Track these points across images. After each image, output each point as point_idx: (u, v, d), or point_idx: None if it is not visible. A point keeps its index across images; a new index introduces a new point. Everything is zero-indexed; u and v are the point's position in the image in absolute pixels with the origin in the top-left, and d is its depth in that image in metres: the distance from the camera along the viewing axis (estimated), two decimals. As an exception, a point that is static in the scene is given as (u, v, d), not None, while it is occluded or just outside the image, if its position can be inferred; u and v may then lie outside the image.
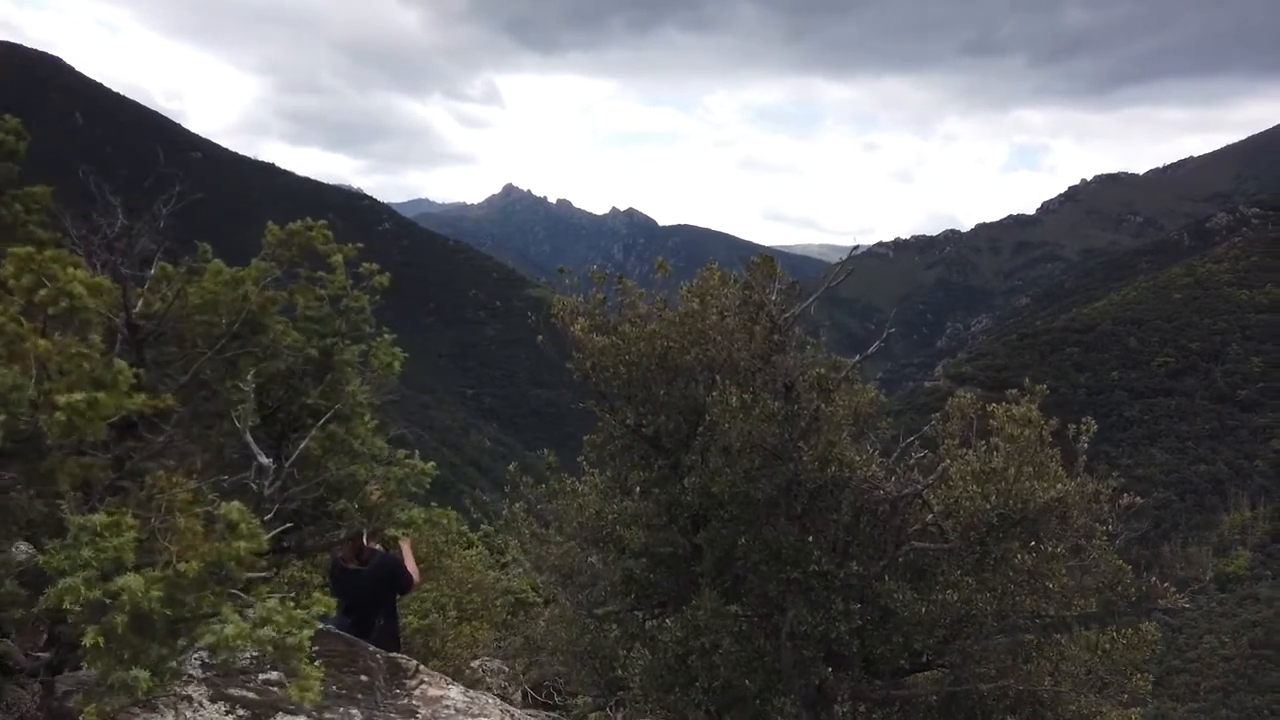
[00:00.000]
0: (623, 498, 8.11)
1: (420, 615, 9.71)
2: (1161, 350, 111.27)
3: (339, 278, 4.88)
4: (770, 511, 7.30)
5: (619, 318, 7.91)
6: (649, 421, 7.69)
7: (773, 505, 7.43)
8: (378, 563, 7.01)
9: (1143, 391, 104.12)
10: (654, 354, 7.41)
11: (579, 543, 8.64)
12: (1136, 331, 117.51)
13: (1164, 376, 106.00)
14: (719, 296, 7.37)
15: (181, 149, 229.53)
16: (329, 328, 4.89)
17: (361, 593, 6.92)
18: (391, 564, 7.10)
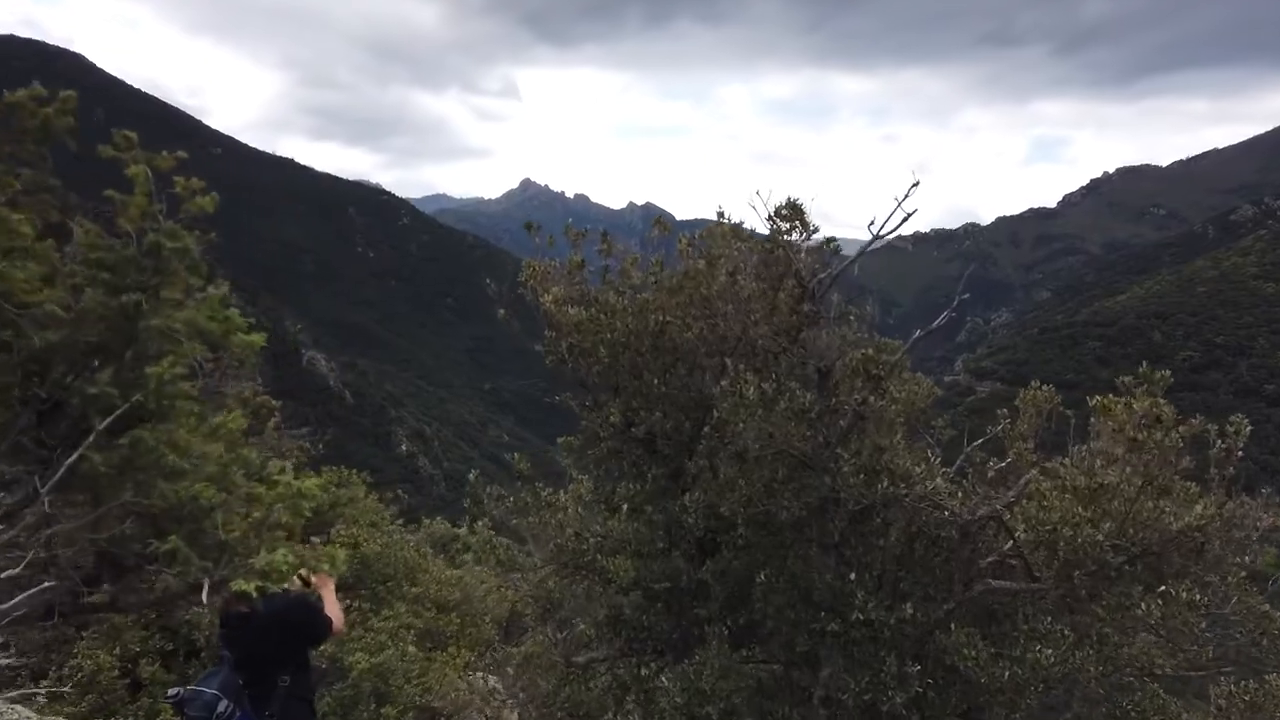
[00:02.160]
0: (608, 516, 6.35)
1: (371, 651, 8.06)
2: (1186, 344, 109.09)
3: (139, 200, 3.15)
4: (798, 537, 5.52)
5: (604, 286, 6.15)
6: (641, 419, 5.92)
7: (801, 529, 5.65)
8: (282, 604, 5.22)
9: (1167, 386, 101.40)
10: (646, 330, 5.65)
11: (555, 570, 6.90)
12: (1160, 325, 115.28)
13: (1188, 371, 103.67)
14: (730, 253, 5.58)
15: (202, 145, 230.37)
16: (127, 277, 3.17)
17: (258, 644, 5.16)
18: (300, 605, 5.29)
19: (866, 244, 5.03)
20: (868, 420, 5.02)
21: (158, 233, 3.18)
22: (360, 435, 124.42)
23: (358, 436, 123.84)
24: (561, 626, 7.31)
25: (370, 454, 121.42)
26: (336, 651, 8.04)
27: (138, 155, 3.17)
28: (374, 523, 10.96)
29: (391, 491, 69.14)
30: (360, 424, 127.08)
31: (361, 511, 10.95)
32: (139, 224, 3.17)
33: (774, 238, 5.48)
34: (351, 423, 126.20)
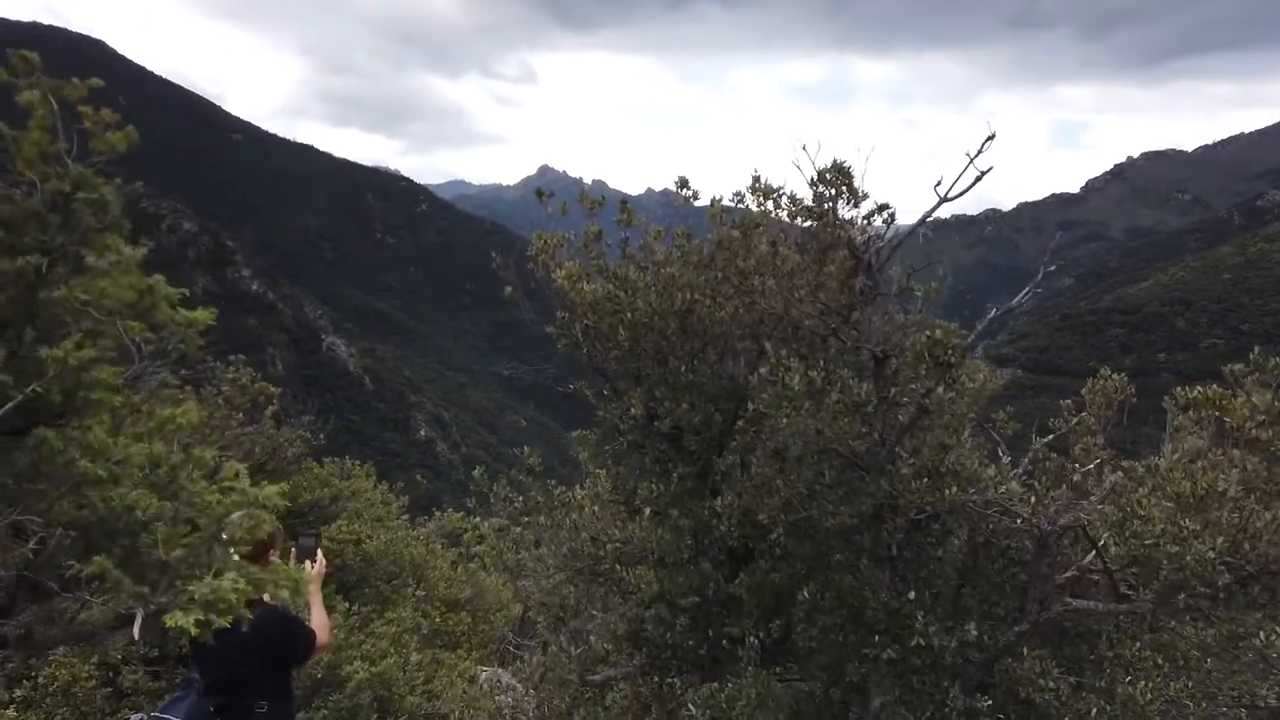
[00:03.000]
0: (628, 519, 5.65)
1: (371, 659, 7.45)
2: (1210, 332, 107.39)
3: (35, 136, 2.46)
4: (846, 548, 4.80)
5: (623, 261, 5.43)
6: (665, 411, 5.21)
7: (849, 538, 4.93)
8: (260, 618, 4.54)
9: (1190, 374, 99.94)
10: (671, 310, 4.93)
11: (568, 577, 6.21)
12: (1184, 312, 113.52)
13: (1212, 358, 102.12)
14: (770, 220, 4.83)
15: (223, 131, 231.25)
16: (25, 236, 2.49)
17: (233, 663, 4.51)
18: (281, 619, 4.61)
19: (934, 206, 4.28)
20: (931, 415, 4.28)
21: (64, 179, 2.49)
22: (379, 420, 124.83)
23: (377, 422, 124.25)
24: (576, 638, 6.63)
25: (389, 439, 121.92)
26: (334, 659, 7.44)
27: (39, 80, 2.47)
28: (379, 517, 10.34)
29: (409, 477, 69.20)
30: (379, 409, 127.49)
31: (366, 505, 10.34)
32: (40, 169, 2.49)
33: (820, 203, 4.73)
34: (371, 408, 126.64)
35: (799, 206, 4.49)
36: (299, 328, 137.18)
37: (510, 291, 5.51)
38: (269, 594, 4.68)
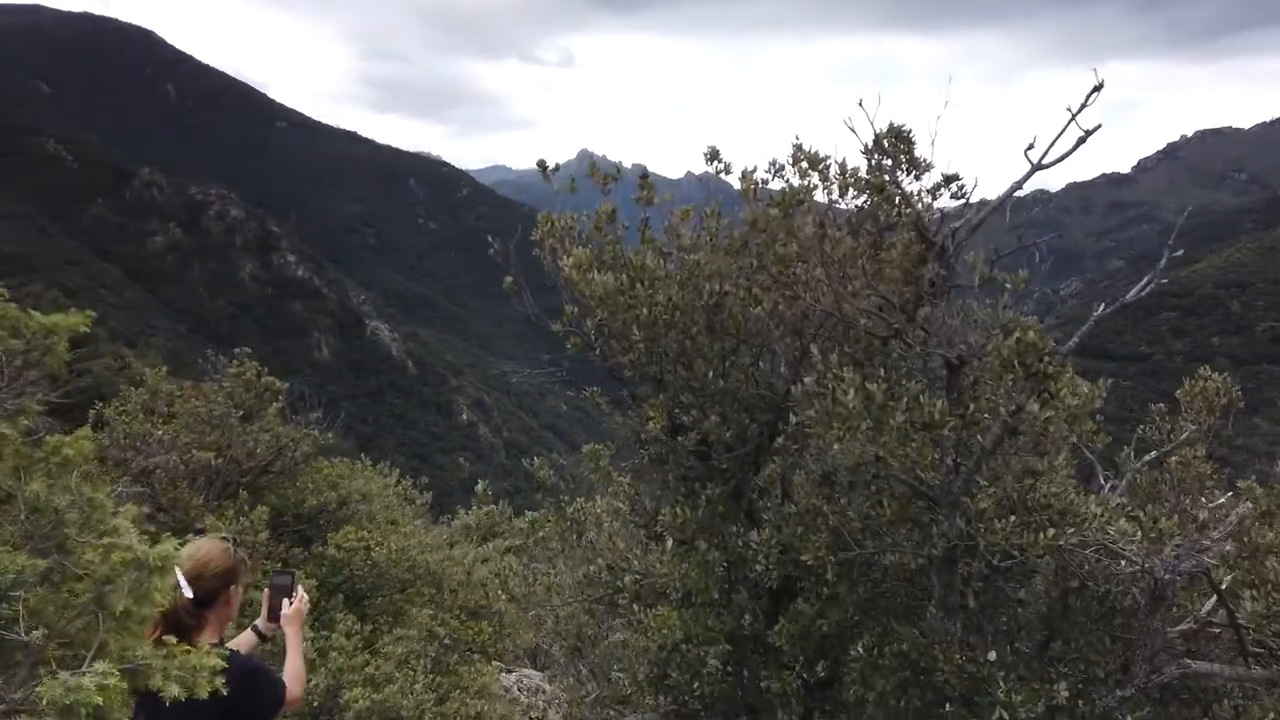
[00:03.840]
0: (647, 545, 4.86)
1: (375, 684, 6.78)
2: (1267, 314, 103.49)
3: None
4: (910, 594, 3.96)
5: (643, 246, 4.61)
6: (692, 422, 4.39)
7: (913, 582, 4.09)
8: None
9: (1246, 358, 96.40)
10: (698, 304, 4.11)
11: (584, 607, 5.45)
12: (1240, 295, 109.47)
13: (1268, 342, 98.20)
14: (815, 198, 3.97)
15: (267, 119, 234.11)
16: None
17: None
18: (241, 669, 3.86)
19: (1027, 173, 3.41)
20: (1022, 435, 3.41)
21: None
22: (423, 404, 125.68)
23: (420, 405, 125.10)
24: (596, 672, 5.88)
25: (432, 422, 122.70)
26: (333, 682, 6.82)
27: None
28: (394, 520, 9.69)
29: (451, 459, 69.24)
30: (422, 393, 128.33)
31: (381, 508, 9.69)
32: None
33: (879, 174, 3.87)
34: (414, 392, 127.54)
35: (852, 178, 3.62)
36: (344, 313, 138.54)
37: (510, 283, 4.72)
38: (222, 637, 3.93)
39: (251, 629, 4.18)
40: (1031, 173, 3.44)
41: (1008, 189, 3.57)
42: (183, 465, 7.92)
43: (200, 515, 7.69)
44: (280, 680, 3.80)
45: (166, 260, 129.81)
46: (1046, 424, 3.28)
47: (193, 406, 8.40)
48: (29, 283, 65.21)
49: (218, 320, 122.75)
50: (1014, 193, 3.58)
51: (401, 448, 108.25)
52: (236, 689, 3.69)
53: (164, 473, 7.81)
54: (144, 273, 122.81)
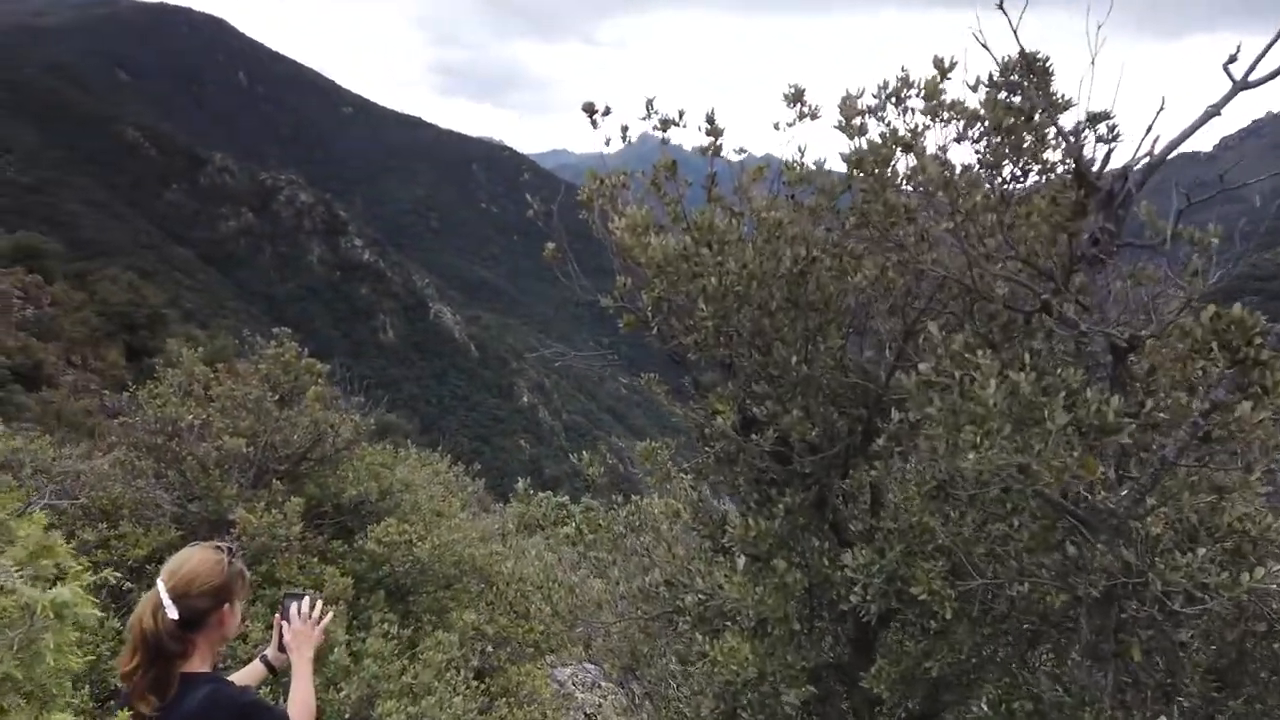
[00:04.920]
0: (711, 559, 4.10)
1: (411, 695, 6.20)
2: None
3: None
4: (1050, 637, 3.13)
5: (709, 205, 3.82)
6: (767, 416, 3.61)
7: (1048, 619, 3.26)
8: (207, 699, 3.17)
9: None
10: (778, 272, 3.33)
11: (640, 625, 4.73)
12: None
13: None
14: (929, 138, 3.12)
15: (335, 104, 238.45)
16: None
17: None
18: (234, 703, 3.21)
19: (1230, 92, 2.54)
20: (1217, 444, 2.55)
21: None
22: (485, 387, 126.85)
23: (482, 388, 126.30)
24: (653, 696, 5.17)
25: (494, 405, 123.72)
26: (367, 692, 6.26)
27: None
28: (439, 511, 9.12)
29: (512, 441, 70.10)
30: (484, 376, 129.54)
31: (426, 498, 9.12)
32: None
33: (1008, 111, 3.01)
34: (476, 374, 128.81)
35: (992, 103, 2.77)
36: (408, 295, 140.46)
37: (553, 250, 4.00)
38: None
39: (260, 660, 3.54)
40: (1235, 92, 2.56)
41: (1202, 115, 2.69)
42: (215, 452, 7.43)
43: (232, 506, 7.21)
44: (282, 715, 3.14)
45: (239, 244, 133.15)
46: (1256, 427, 2.42)
47: (227, 389, 7.91)
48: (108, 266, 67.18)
49: (287, 302, 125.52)
50: (1210, 119, 2.69)
51: (464, 429, 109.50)
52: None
53: (195, 460, 7.34)
54: (217, 256, 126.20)
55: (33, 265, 50.59)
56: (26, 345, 40.48)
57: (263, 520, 6.86)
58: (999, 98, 3.13)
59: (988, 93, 3.14)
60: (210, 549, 3.14)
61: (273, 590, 6.86)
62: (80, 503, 7.13)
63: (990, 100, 2.74)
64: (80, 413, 31.97)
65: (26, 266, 49.59)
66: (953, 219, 2.59)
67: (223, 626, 3.08)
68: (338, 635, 6.32)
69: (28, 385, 35.55)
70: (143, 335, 51.61)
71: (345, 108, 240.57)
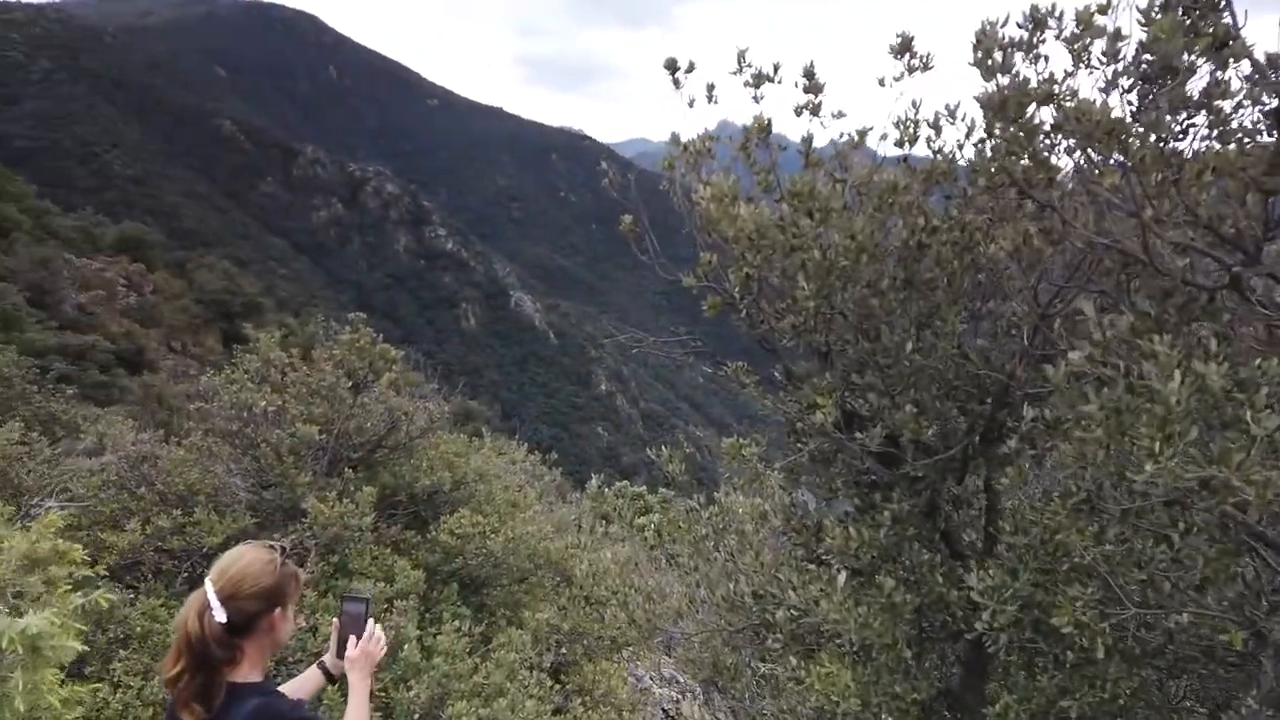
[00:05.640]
0: (802, 569, 3.66)
1: (484, 697, 5.92)
2: None
3: None
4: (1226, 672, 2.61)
5: (807, 172, 3.36)
6: (873, 411, 3.15)
7: (1214, 655, 2.73)
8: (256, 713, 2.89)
9: None
10: (888, 246, 2.87)
11: (724, 637, 4.33)
12: None
13: None
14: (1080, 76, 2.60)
15: (420, 97, 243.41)
16: None
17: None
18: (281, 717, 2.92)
19: None
20: None
21: None
22: (564, 374, 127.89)
23: (561, 375, 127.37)
24: (735, 711, 4.77)
25: (572, 392, 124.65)
26: (438, 692, 6.03)
27: None
28: (514, 502, 8.87)
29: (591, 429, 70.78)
30: (563, 363, 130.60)
31: (499, 489, 8.89)
32: None
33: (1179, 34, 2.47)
34: (555, 362, 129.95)
35: (1172, 27, 2.25)
36: (489, 284, 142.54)
37: (630, 223, 3.60)
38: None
39: (318, 666, 3.26)
40: None
41: None
42: (289, 439, 7.32)
43: (305, 494, 7.09)
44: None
45: (329, 234, 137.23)
46: None
47: (301, 375, 7.80)
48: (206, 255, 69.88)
49: (375, 290, 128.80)
50: None
51: (543, 416, 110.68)
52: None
53: (269, 446, 7.23)
54: (309, 246, 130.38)
55: (136, 254, 52.87)
56: (130, 331, 42.35)
57: (335, 510, 6.70)
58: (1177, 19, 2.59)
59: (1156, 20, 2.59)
60: (262, 548, 2.85)
61: (344, 581, 6.72)
62: (157, 489, 7.11)
63: (1169, 25, 2.21)
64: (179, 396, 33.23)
65: (131, 255, 51.86)
66: (1123, 175, 2.09)
67: (274, 632, 2.80)
68: (409, 631, 6.12)
69: (131, 369, 37.12)
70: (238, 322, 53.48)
71: (430, 99, 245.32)
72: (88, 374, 31.47)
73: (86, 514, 6.74)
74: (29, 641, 1.47)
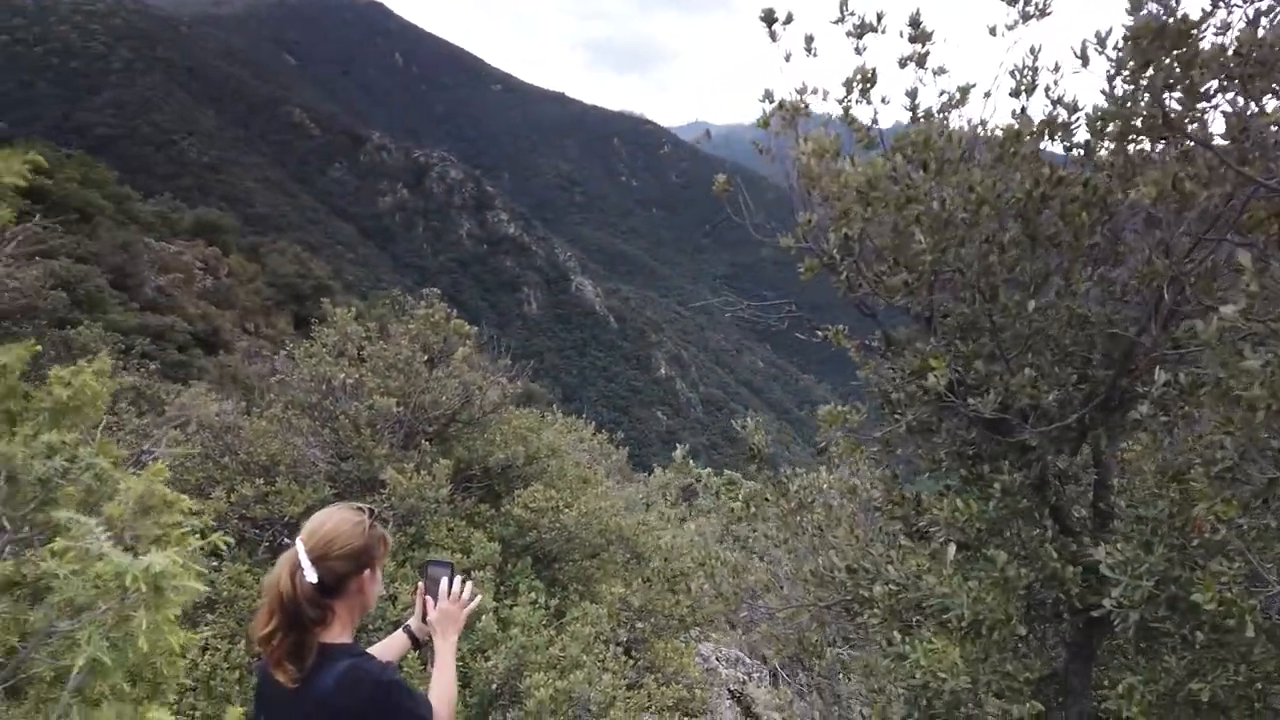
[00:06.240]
0: (907, 546, 3.51)
1: (560, 669, 5.90)
2: None
3: None
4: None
5: (922, 123, 3.19)
6: (984, 378, 2.99)
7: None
8: (348, 676, 2.86)
9: None
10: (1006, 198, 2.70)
11: (811, 612, 4.20)
12: None
13: None
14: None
15: (485, 82, 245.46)
16: None
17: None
18: (377, 682, 2.87)
19: None
20: None
21: None
22: (624, 358, 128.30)
23: (621, 359, 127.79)
24: (819, 688, 4.65)
25: (632, 376, 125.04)
26: (514, 663, 6.04)
27: None
28: (585, 478, 8.86)
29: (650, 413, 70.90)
30: (623, 347, 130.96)
31: (570, 465, 8.88)
32: None
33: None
34: (616, 346, 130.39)
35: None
36: (551, 268, 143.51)
37: (723, 182, 3.48)
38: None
39: (403, 630, 3.23)
40: None
41: None
42: (367, 411, 7.40)
43: (383, 466, 7.16)
44: (425, 702, 2.76)
45: (394, 219, 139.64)
46: None
47: (378, 349, 7.87)
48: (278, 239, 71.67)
49: (439, 274, 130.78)
50: None
51: (603, 399, 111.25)
52: (366, 708, 2.68)
53: (348, 419, 7.33)
54: (375, 230, 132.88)
55: (212, 239, 54.47)
56: (206, 313, 43.68)
57: (413, 481, 6.75)
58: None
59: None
60: (350, 509, 2.81)
61: (422, 552, 6.77)
62: (240, 458, 7.26)
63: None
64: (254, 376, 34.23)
65: (206, 240, 53.44)
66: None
67: (363, 594, 2.76)
68: (486, 602, 6.13)
69: (207, 349, 38.30)
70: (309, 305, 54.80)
71: (494, 85, 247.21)
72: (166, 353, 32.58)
73: (173, 484, 6.91)
74: (152, 580, 1.43)
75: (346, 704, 2.55)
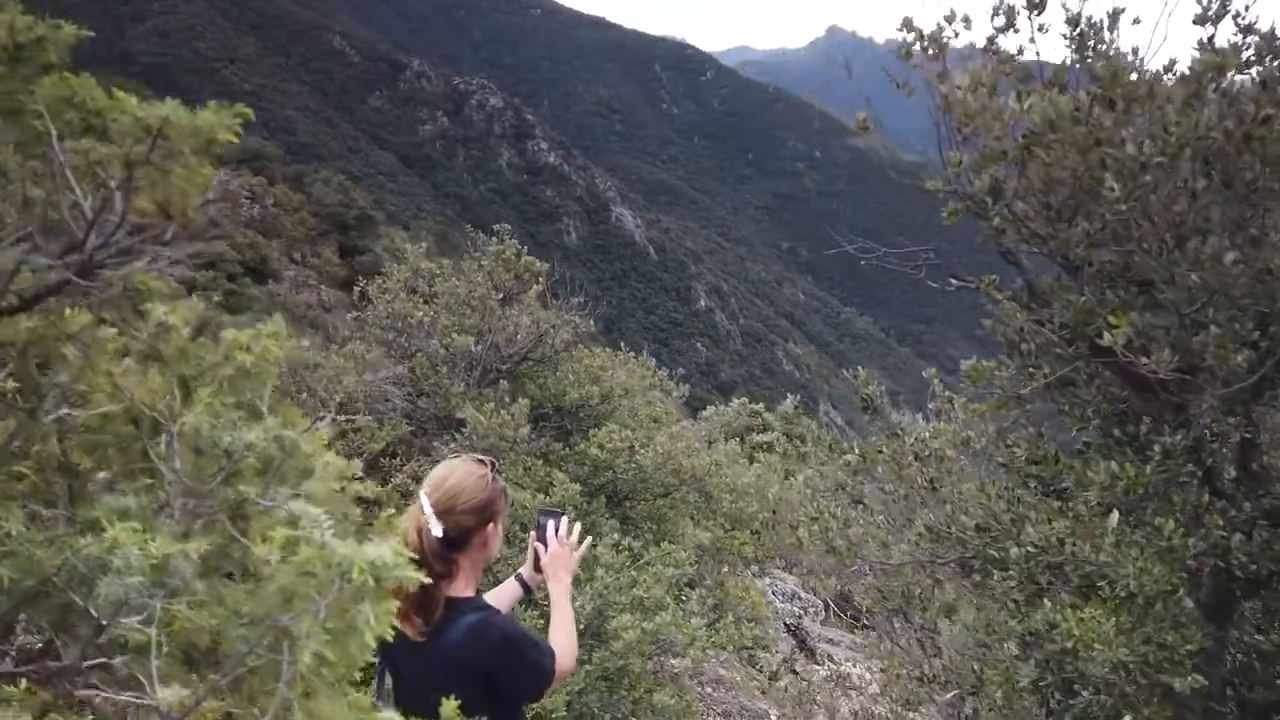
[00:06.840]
0: (1048, 507, 3.35)
1: (644, 609, 5.90)
2: None
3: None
4: None
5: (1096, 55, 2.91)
6: (1163, 336, 2.78)
7: None
8: (476, 626, 2.82)
9: None
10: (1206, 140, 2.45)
11: (929, 572, 4.08)
12: None
13: None
14: None
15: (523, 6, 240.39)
16: None
17: (426, 694, 2.90)
18: (504, 633, 2.84)
19: None
20: None
21: None
22: (663, 290, 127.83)
23: (660, 291, 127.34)
24: (922, 641, 4.56)
25: (672, 308, 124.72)
26: (599, 605, 6.04)
27: None
28: (656, 417, 8.79)
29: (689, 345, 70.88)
30: (663, 279, 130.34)
31: (644, 404, 8.81)
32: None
33: None
34: (655, 278, 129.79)
35: None
36: (591, 199, 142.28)
37: (863, 119, 3.23)
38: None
39: (515, 578, 3.19)
40: None
41: None
42: (443, 349, 7.34)
43: (460, 404, 7.13)
44: (549, 651, 2.71)
45: (435, 147, 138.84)
46: None
47: (452, 286, 7.77)
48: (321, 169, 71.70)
49: (479, 204, 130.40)
50: None
51: (643, 331, 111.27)
52: (493, 660, 2.63)
53: (425, 356, 7.28)
54: (415, 159, 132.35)
55: (257, 168, 54.59)
56: (254, 242, 44.03)
57: (493, 420, 6.71)
58: None
59: None
60: (473, 462, 2.74)
61: (503, 493, 6.76)
62: (319, 395, 7.27)
63: None
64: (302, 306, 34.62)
65: (252, 169, 53.58)
66: None
67: (486, 548, 2.72)
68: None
69: (255, 278, 38.71)
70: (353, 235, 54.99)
71: (533, 9, 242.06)
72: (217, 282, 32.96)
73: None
74: (375, 572, 1.33)
75: (474, 656, 2.50)
